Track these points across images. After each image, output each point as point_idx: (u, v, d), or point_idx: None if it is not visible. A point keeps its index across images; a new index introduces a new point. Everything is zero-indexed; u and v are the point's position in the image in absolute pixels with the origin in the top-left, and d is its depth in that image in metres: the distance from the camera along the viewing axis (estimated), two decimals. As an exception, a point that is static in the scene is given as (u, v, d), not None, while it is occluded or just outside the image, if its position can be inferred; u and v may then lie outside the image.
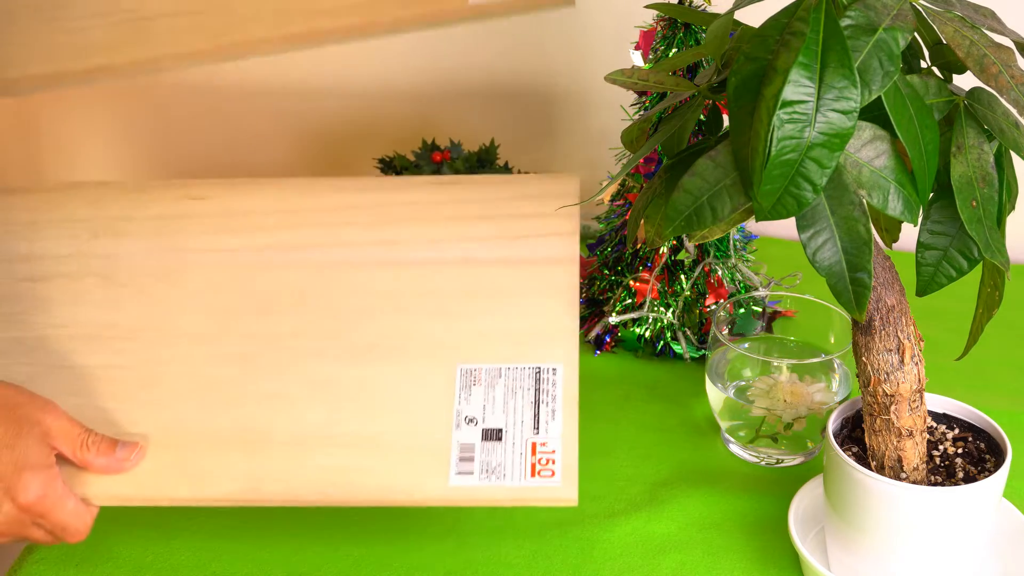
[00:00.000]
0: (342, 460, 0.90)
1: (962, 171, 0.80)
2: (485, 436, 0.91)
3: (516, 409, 0.93)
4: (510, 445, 0.91)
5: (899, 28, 0.74)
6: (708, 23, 0.89)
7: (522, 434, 0.91)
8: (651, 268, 1.21)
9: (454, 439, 0.91)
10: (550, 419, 0.92)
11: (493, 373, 0.95)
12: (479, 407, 0.93)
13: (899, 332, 0.86)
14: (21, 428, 0.89)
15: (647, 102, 1.19)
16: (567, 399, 0.92)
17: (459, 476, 0.89)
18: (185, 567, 0.98)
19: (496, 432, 0.92)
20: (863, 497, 0.88)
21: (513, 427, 0.92)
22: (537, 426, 0.92)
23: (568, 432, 0.91)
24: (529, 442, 0.91)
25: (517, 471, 0.89)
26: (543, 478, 0.89)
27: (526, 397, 0.93)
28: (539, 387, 0.94)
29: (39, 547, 0.99)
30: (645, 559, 0.99)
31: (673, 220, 0.79)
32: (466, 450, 0.90)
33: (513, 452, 0.90)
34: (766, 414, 1.07)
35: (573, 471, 0.89)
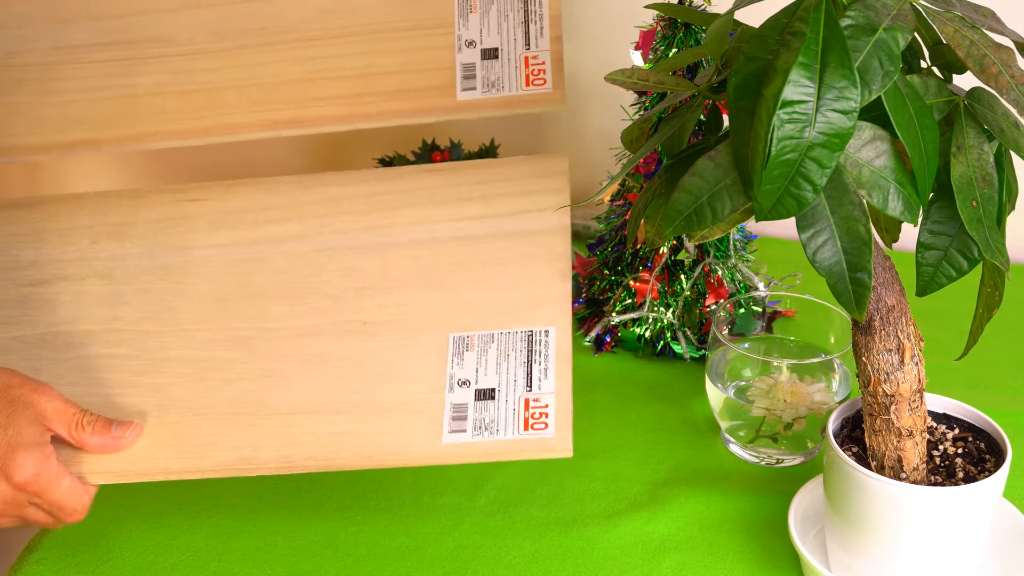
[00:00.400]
0: (335, 427, 0.91)
1: (962, 171, 0.80)
2: (478, 396, 0.92)
3: (509, 370, 0.93)
4: (503, 402, 0.91)
5: (899, 28, 0.74)
6: (708, 23, 0.89)
7: (515, 392, 0.92)
8: (651, 268, 1.21)
9: (447, 400, 0.91)
10: (543, 377, 0.92)
11: (486, 338, 0.95)
12: (472, 370, 0.93)
13: (899, 332, 0.86)
14: (15, 408, 0.90)
15: (647, 102, 1.19)
16: (560, 356, 0.93)
17: (452, 434, 0.90)
18: (185, 567, 0.98)
19: (489, 392, 0.92)
20: (863, 497, 0.88)
21: (506, 386, 0.92)
22: (530, 384, 0.92)
23: (562, 386, 0.91)
24: (522, 399, 0.91)
25: (511, 426, 0.90)
26: (536, 431, 0.89)
27: (518, 358, 0.94)
28: (531, 348, 0.94)
29: (39, 547, 0.99)
30: (645, 559, 0.99)
31: (673, 220, 0.79)
32: (459, 410, 0.91)
33: (506, 408, 0.91)
34: (766, 414, 1.07)
35: (567, 422, 0.89)
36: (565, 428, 0.89)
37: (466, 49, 1.00)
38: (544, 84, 0.96)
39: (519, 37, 0.99)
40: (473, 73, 0.98)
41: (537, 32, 0.99)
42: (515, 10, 1.01)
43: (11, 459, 0.88)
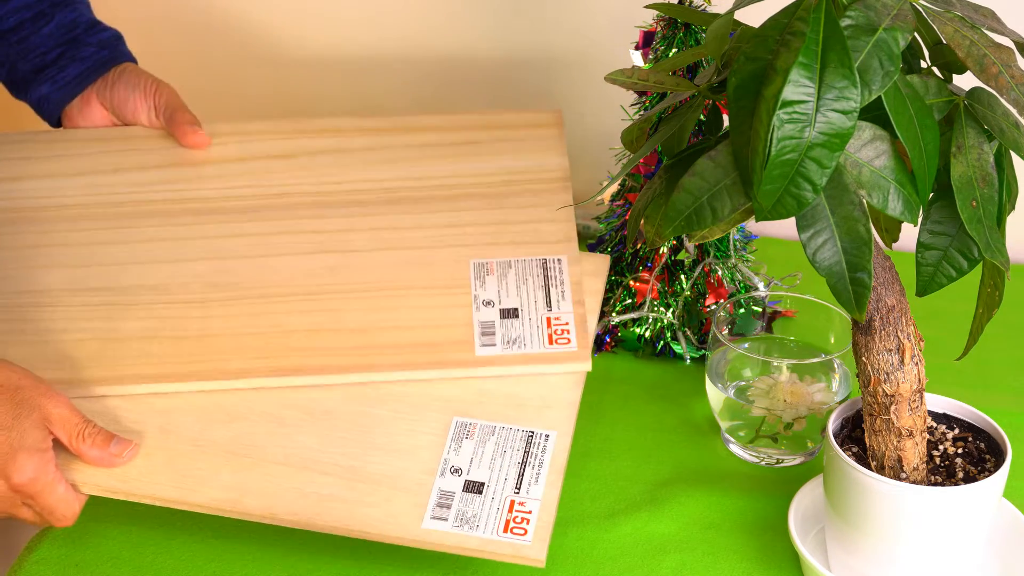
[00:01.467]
0: (322, 488, 0.92)
1: (962, 171, 0.80)
2: (466, 487, 0.92)
3: (502, 467, 0.94)
4: (489, 499, 0.92)
5: (899, 28, 0.74)
6: (708, 23, 0.89)
7: (503, 491, 0.92)
8: (651, 268, 1.21)
9: (436, 485, 0.92)
10: (533, 482, 0.93)
11: (487, 430, 0.96)
12: (467, 459, 0.94)
13: (899, 332, 0.86)
14: (21, 411, 0.90)
15: (647, 102, 1.19)
16: (554, 465, 0.94)
17: (433, 520, 0.90)
18: (185, 567, 0.98)
19: (478, 485, 0.93)
20: (863, 497, 0.88)
21: (495, 483, 0.93)
22: (519, 486, 0.93)
23: (549, 496, 0.92)
24: (508, 500, 0.92)
25: (491, 524, 0.90)
26: (515, 535, 0.89)
27: (514, 457, 0.94)
28: (528, 450, 0.95)
29: (39, 547, 0.99)
30: (645, 559, 0.99)
31: (673, 220, 0.79)
32: (445, 497, 0.92)
33: (491, 506, 0.91)
34: (766, 414, 1.07)
35: (546, 533, 0.90)
36: (543, 539, 0.90)
37: (484, 308, 0.98)
38: (569, 344, 0.95)
39: (540, 299, 0.98)
40: (492, 330, 0.96)
41: (559, 295, 0.98)
42: (534, 275, 0.99)
43: (12, 460, 0.89)
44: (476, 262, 1.00)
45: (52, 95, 1.15)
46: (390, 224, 1.06)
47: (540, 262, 0.99)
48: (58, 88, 1.14)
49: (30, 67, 1.14)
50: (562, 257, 1.00)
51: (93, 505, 1.03)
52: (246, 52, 1.56)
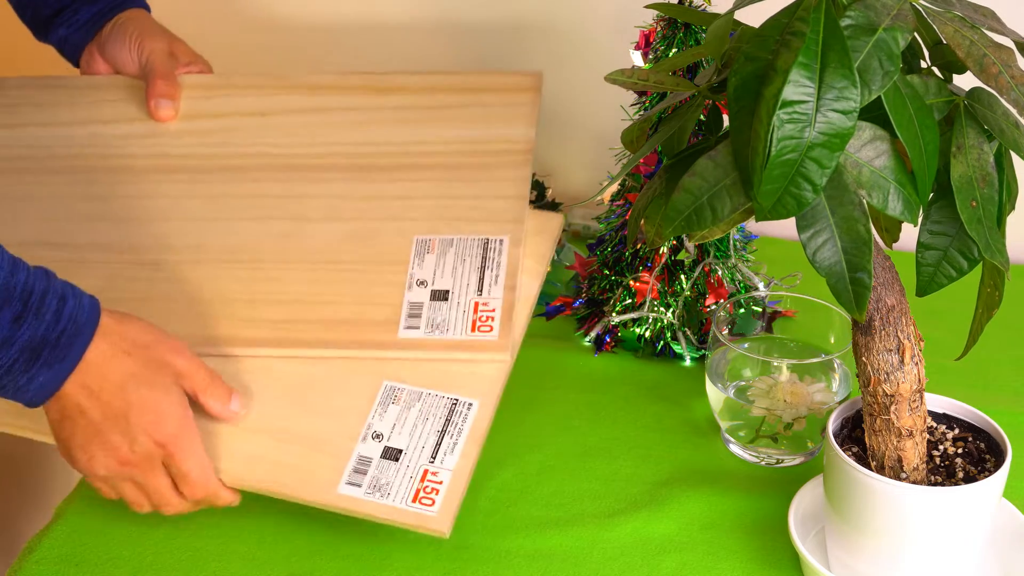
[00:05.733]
0: (251, 447, 0.95)
1: (962, 171, 0.80)
2: (384, 454, 0.94)
3: (422, 434, 0.95)
4: (404, 467, 0.93)
5: (899, 28, 0.74)
6: (708, 23, 0.89)
7: (418, 459, 0.94)
8: (651, 268, 1.21)
9: (355, 451, 0.94)
10: (448, 452, 0.95)
11: (413, 396, 0.97)
12: (389, 425, 0.96)
13: (899, 332, 0.86)
14: (159, 368, 0.92)
15: (647, 102, 1.19)
16: (472, 437, 0.95)
17: (347, 486, 0.92)
18: (185, 567, 0.98)
19: (395, 452, 0.94)
20: (863, 497, 0.88)
21: (412, 451, 0.94)
22: (434, 456, 0.94)
23: (462, 466, 0.93)
24: (422, 468, 0.94)
25: (401, 493, 0.92)
26: (423, 505, 0.91)
27: (434, 425, 0.96)
28: (450, 418, 0.96)
29: (39, 547, 0.99)
30: (645, 559, 0.99)
31: (673, 220, 0.79)
32: (363, 463, 0.94)
33: (404, 474, 0.93)
34: (766, 414, 1.07)
35: (454, 504, 0.92)
36: (449, 510, 0.91)
37: (416, 288, 0.99)
38: (491, 332, 0.96)
39: (472, 282, 0.99)
40: (419, 312, 0.98)
41: (492, 279, 0.99)
42: (473, 255, 1.00)
43: (157, 416, 0.90)
44: (419, 239, 1.02)
45: (70, 37, 1.19)
46: (345, 193, 1.07)
47: (481, 242, 1.00)
48: (74, 31, 1.18)
49: (50, 11, 1.18)
50: (504, 238, 1.00)
51: (93, 505, 1.03)
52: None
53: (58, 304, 0.88)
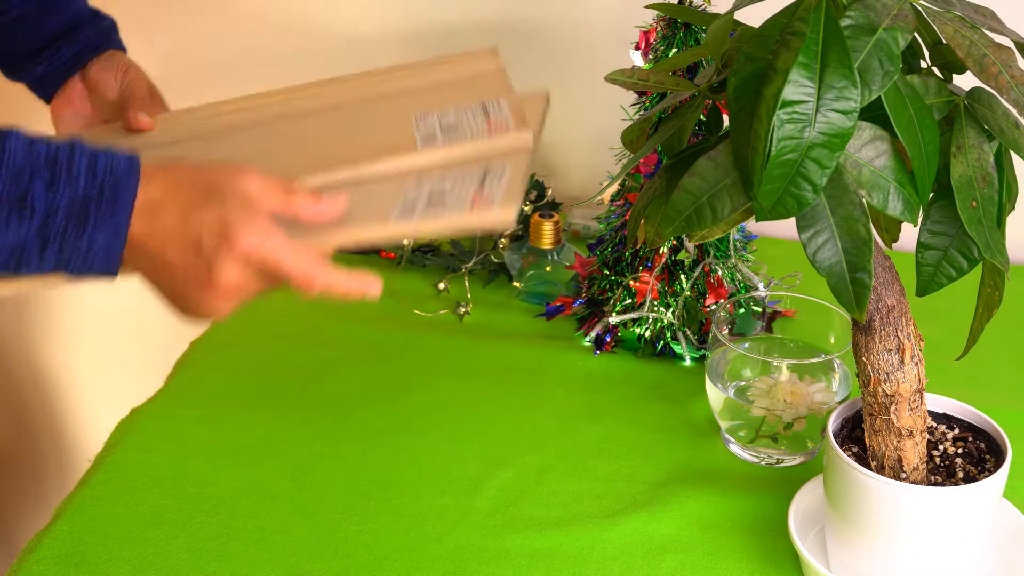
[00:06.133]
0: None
1: (962, 171, 0.80)
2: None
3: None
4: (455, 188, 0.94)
5: (899, 28, 0.74)
6: (708, 23, 0.89)
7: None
8: (651, 268, 1.21)
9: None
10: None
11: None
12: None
13: (899, 332, 0.86)
14: (219, 191, 0.89)
15: (647, 102, 1.19)
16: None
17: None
18: (185, 567, 0.98)
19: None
20: (863, 497, 0.88)
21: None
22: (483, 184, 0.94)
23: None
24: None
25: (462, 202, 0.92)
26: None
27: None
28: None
29: (39, 547, 0.99)
30: (645, 559, 0.99)
31: (673, 220, 0.79)
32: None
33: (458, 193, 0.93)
34: (766, 414, 1.07)
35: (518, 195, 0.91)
36: (513, 201, 0.90)
37: (423, 125, 1.02)
38: (507, 130, 0.98)
39: (479, 117, 1.02)
40: (433, 135, 1.00)
41: (496, 111, 1.02)
42: (473, 111, 1.03)
43: (227, 230, 0.87)
44: (418, 113, 1.04)
45: (48, 74, 1.19)
46: (334, 117, 1.10)
47: (480, 104, 1.03)
48: (53, 68, 1.19)
49: (27, 51, 1.19)
50: (500, 99, 1.04)
51: (93, 505, 1.03)
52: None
53: (89, 161, 0.87)
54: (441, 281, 1.34)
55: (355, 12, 1.53)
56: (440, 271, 1.38)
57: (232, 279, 0.88)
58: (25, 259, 0.87)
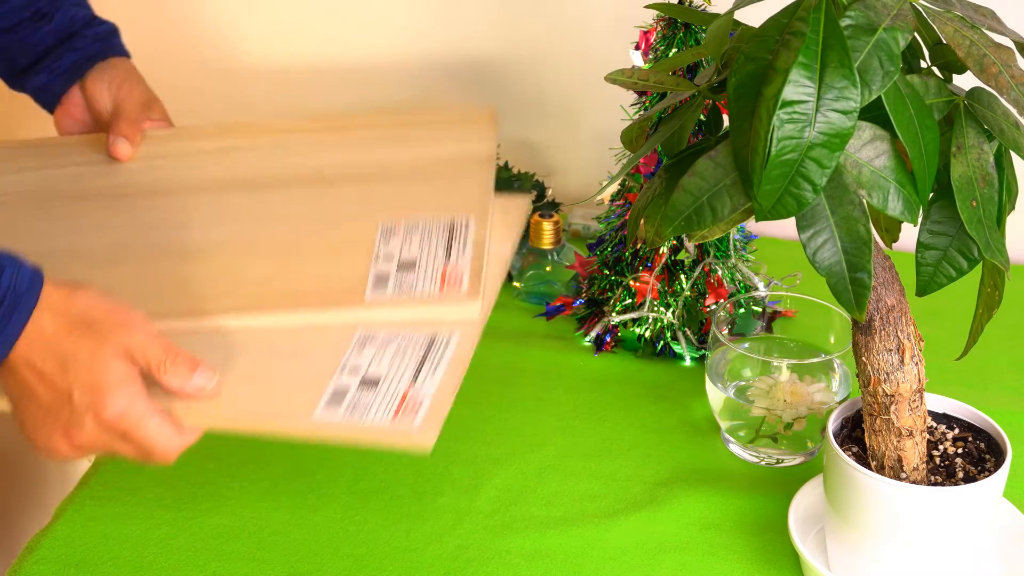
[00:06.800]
0: (239, 381, 0.92)
1: (962, 171, 0.80)
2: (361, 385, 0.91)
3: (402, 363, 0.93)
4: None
5: (899, 28, 0.74)
6: (708, 23, 0.89)
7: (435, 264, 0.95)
8: (651, 268, 1.21)
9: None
10: (430, 374, 0.92)
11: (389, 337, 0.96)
12: (367, 360, 0.93)
13: (899, 332, 0.86)
14: (99, 342, 0.87)
15: (647, 102, 1.19)
16: (455, 362, 0.92)
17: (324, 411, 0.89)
18: (185, 567, 0.98)
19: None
20: (863, 497, 0.88)
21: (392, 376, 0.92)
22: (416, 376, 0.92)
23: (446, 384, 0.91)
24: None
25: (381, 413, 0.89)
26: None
27: (415, 354, 0.94)
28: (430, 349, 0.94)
29: (39, 547, 0.99)
30: (645, 559, 0.99)
31: (673, 220, 0.79)
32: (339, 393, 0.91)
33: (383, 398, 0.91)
34: (766, 414, 1.07)
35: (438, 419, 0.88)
36: (433, 424, 0.87)
37: (383, 262, 0.98)
38: (460, 287, 0.94)
39: (440, 253, 0.98)
40: (386, 280, 0.96)
41: (460, 249, 0.98)
42: (440, 233, 1.00)
43: (99, 396, 0.86)
44: (384, 225, 1.01)
45: (50, 84, 1.18)
46: (308, 197, 1.07)
47: (447, 222, 1.00)
48: (55, 77, 1.17)
49: (29, 61, 1.17)
50: (470, 217, 1.00)
51: (93, 505, 1.03)
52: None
53: None
54: (441, 281, 1.34)
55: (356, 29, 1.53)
56: (440, 271, 1.38)
57: (88, 438, 0.87)
58: None
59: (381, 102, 1.56)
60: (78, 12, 1.18)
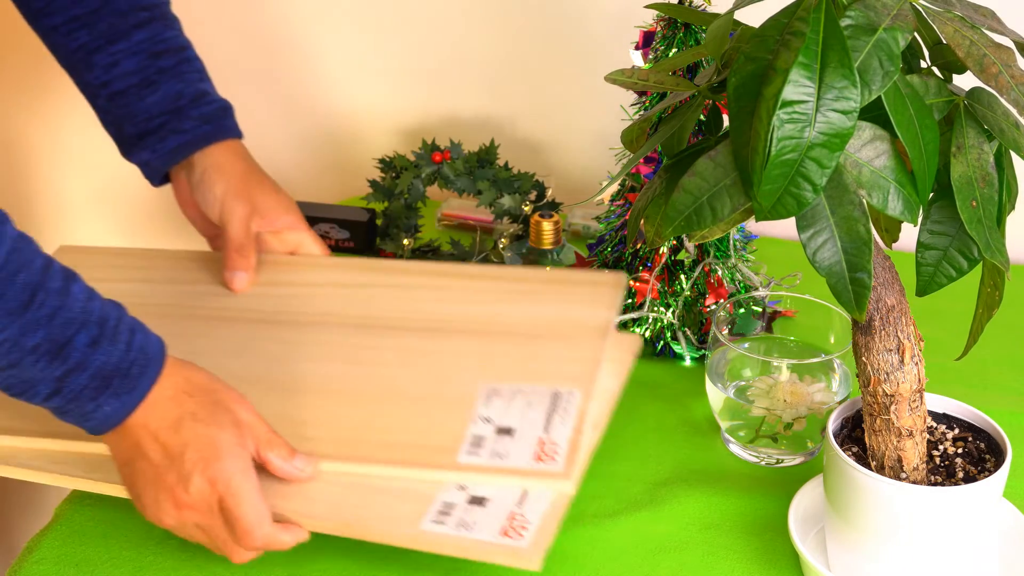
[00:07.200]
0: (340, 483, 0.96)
1: (962, 171, 0.80)
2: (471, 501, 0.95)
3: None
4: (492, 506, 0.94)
5: (899, 28, 0.74)
6: (708, 23, 0.89)
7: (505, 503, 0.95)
8: (651, 268, 1.21)
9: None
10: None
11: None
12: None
13: (899, 332, 0.86)
14: (219, 410, 0.92)
15: (647, 102, 1.19)
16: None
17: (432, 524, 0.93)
18: (185, 567, 0.98)
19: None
20: (863, 497, 0.88)
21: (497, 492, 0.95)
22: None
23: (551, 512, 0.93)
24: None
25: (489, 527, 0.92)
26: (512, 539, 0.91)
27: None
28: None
29: (39, 547, 0.99)
30: (645, 559, 0.99)
31: (673, 220, 0.79)
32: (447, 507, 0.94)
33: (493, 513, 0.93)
34: (766, 414, 1.07)
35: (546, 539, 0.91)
36: (540, 544, 0.90)
37: (481, 423, 0.99)
38: (554, 463, 0.95)
39: (539, 423, 0.98)
40: (481, 443, 0.97)
41: (560, 421, 0.98)
42: (543, 402, 1.00)
43: (211, 454, 0.90)
44: (488, 385, 1.03)
45: (153, 162, 1.17)
46: (418, 347, 1.09)
47: (552, 392, 1.01)
48: (158, 156, 1.16)
49: (135, 131, 1.16)
50: (575, 391, 1.01)
51: (93, 505, 1.03)
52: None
53: (129, 335, 0.89)
54: (441, 281, 1.34)
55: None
56: (440, 271, 1.38)
57: (192, 499, 0.90)
58: (29, 394, 0.89)
59: (381, 101, 1.56)
60: (186, 87, 1.15)
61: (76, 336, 0.86)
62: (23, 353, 0.85)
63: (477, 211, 1.46)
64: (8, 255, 0.83)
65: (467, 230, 1.47)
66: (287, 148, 1.61)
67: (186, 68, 1.16)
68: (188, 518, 0.91)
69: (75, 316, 0.86)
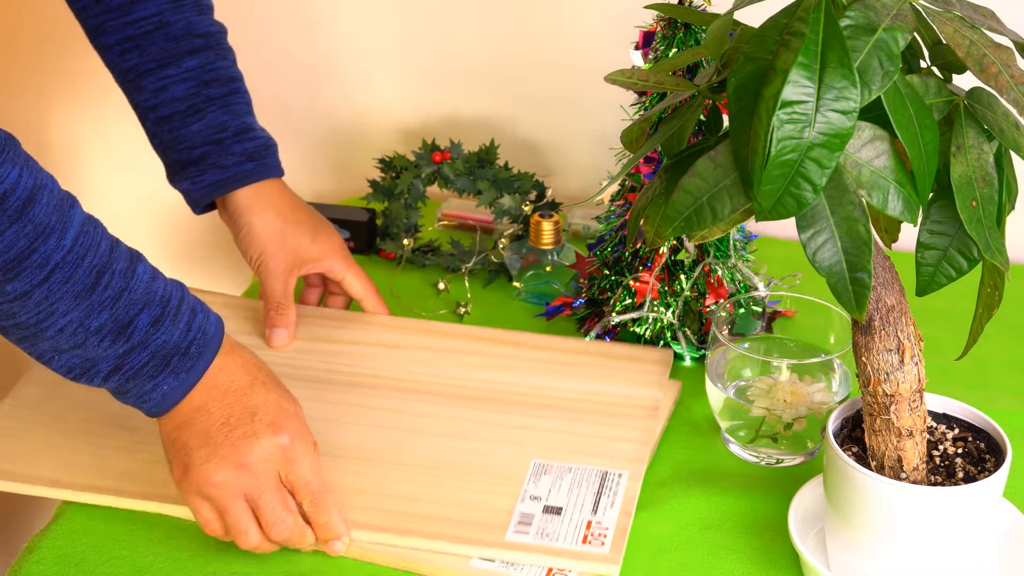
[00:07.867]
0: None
1: (962, 171, 0.80)
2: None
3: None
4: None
5: (899, 28, 0.74)
6: (708, 23, 0.89)
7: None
8: (651, 268, 1.21)
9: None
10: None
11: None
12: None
13: (899, 332, 0.86)
14: (289, 395, 0.97)
15: (647, 102, 1.19)
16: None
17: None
18: (185, 567, 0.98)
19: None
20: (863, 497, 0.88)
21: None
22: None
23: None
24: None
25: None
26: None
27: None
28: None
29: (39, 547, 0.99)
30: (645, 559, 0.99)
31: (673, 220, 0.79)
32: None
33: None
34: (766, 414, 1.07)
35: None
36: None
37: (529, 501, 1.00)
38: (602, 547, 0.96)
39: (588, 504, 1.00)
40: (530, 521, 0.98)
41: (608, 504, 1.00)
42: (590, 482, 1.02)
43: (282, 420, 0.93)
44: (537, 461, 1.04)
45: (193, 192, 1.17)
46: (466, 416, 1.10)
47: (600, 473, 1.03)
48: (199, 188, 1.17)
49: (178, 159, 1.16)
50: (624, 472, 1.03)
51: (93, 505, 1.03)
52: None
53: (190, 315, 0.91)
54: (441, 281, 1.34)
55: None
56: (440, 271, 1.38)
57: (256, 455, 0.92)
58: (90, 374, 0.90)
59: (382, 102, 1.56)
60: (232, 119, 1.16)
61: (139, 316, 0.88)
62: (87, 334, 0.87)
63: (477, 211, 1.46)
64: (76, 238, 0.85)
65: (467, 230, 1.47)
66: (287, 148, 1.60)
67: (234, 100, 1.16)
68: (239, 481, 0.92)
69: (139, 297, 0.88)
